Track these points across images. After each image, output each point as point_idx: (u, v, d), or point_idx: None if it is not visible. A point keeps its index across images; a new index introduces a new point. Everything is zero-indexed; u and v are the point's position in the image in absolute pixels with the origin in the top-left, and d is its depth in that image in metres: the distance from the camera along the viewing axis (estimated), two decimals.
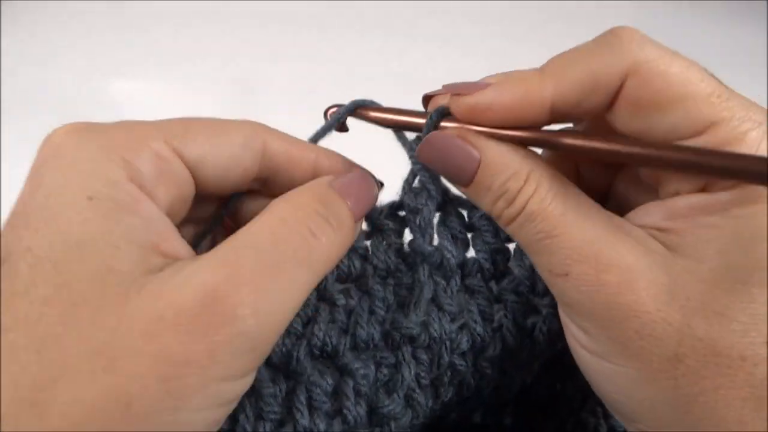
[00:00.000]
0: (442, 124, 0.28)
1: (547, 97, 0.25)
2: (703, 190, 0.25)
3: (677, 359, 0.23)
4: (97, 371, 0.21)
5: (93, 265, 0.22)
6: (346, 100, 0.34)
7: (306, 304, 0.30)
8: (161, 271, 0.23)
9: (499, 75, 0.26)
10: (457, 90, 0.27)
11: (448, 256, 0.31)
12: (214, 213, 0.31)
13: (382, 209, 0.32)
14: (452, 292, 0.31)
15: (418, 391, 0.30)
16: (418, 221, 0.31)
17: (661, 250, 0.25)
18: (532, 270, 0.31)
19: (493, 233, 0.32)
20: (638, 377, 0.24)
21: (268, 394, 0.28)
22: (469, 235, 0.32)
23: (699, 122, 0.24)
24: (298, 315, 0.29)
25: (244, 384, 0.24)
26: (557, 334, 0.30)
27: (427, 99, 0.31)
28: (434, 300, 0.31)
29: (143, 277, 0.22)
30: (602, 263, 0.24)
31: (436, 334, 0.30)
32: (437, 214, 0.32)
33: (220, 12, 1.00)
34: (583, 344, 0.26)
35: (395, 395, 0.29)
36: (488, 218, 0.32)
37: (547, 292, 0.31)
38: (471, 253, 0.32)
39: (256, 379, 0.26)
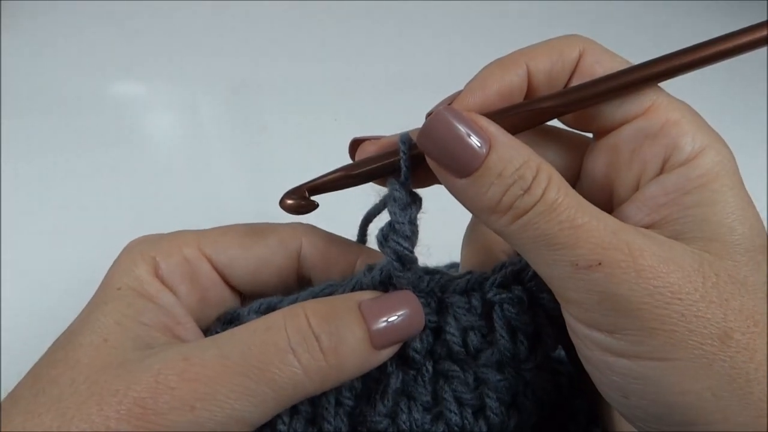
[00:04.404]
0: (441, 112, 0.25)
1: (522, 65, 0.27)
2: (662, 170, 0.26)
3: (727, 336, 0.23)
4: (52, 428, 0.23)
5: (94, 336, 0.26)
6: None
7: None
8: (154, 349, 0.26)
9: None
10: (443, 103, 0.28)
11: (412, 353, 0.28)
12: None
13: None
14: (424, 380, 0.28)
15: None
16: None
17: (670, 239, 0.25)
18: (512, 338, 0.28)
19: (466, 309, 0.29)
20: (691, 367, 0.23)
21: None
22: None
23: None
24: None
25: None
26: (543, 392, 0.29)
27: (355, 144, 0.30)
28: (404, 390, 0.28)
29: (135, 351, 0.25)
30: (635, 249, 0.23)
31: (405, 426, 0.27)
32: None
33: (220, 12, 1.00)
34: (610, 349, 0.24)
35: None
36: (461, 293, 0.29)
37: (530, 356, 0.28)
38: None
39: None
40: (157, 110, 0.85)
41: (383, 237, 0.28)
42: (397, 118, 0.32)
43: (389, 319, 0.26)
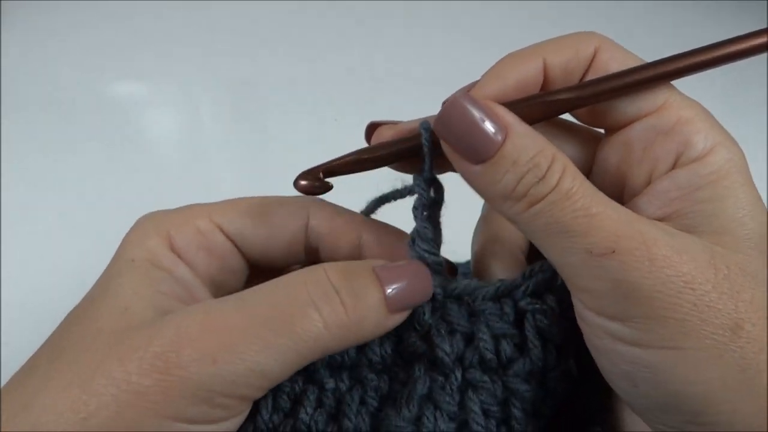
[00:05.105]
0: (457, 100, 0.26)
1: (539, 58, 0.28)
2: (674, 166, 0.26)
3: (738, 327, 0.23)
4: (72, 384, 0.23)
5: (115, 304, 0.26)
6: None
7: (294, 381, 0.29)
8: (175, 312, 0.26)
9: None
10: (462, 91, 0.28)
11: (442, 355, 0.28)
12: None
13: None
14: (452, 388, 0.28)
15: None
16: (413, 321, 0.29)
17: (682, 232, 0.25)
18: (544, 348, 0.28)
19: (498, 316, 0.29)
20: (702, 357, 0.23)
21: None
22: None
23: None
24: (284, 392, 0.28)
25: (207, 430, 0.24)
26: (560, 399, 0.29)
27: (372, 128, 0.30)
28: (430, 397, 0.28)
29: (156, 316, 0.25)
30: (649, 238, 0.23)
31: None
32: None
33: (221, 12, 1.00)
34: (621, 338, 0.24)
35: None
36: (492, 300, 0.29)
37: (556, 365, 0.28)
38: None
39: None
40: (158, 110, 0.85)
41: (411, 241, 0.29)
42: (398, 118, 0.32)
43: (400, 285, 0.27)
